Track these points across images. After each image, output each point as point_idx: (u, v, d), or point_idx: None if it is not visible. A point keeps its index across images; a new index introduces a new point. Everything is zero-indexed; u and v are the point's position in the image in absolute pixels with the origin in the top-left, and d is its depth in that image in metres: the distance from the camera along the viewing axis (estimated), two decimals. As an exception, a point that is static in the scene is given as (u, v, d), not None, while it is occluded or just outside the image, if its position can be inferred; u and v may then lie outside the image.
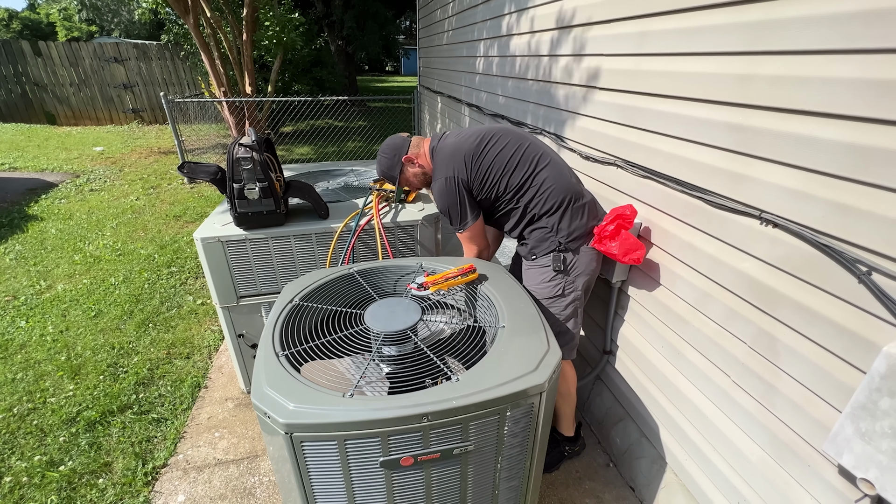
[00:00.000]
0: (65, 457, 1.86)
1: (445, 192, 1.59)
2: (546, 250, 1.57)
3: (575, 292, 1.57)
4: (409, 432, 1.01)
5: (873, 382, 0.76)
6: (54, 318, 2.83)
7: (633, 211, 1.51)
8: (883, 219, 0.84)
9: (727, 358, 1.25)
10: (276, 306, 1.39)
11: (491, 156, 1.58)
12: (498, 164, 1.57)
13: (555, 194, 1.53)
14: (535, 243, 1.59)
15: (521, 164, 1.57)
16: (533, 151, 1.58)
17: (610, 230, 1.51)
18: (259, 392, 1.05)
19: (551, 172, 1.55)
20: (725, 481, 1.30)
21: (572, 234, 1.54)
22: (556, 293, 1.57)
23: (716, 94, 1.20)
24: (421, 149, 1.71)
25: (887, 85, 0.81)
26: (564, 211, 1.54)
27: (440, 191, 1.60)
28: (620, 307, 1.79)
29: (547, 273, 1.57)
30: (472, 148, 1.58)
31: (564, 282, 1.56)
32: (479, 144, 1.59)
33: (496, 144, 1.59)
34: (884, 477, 0.76)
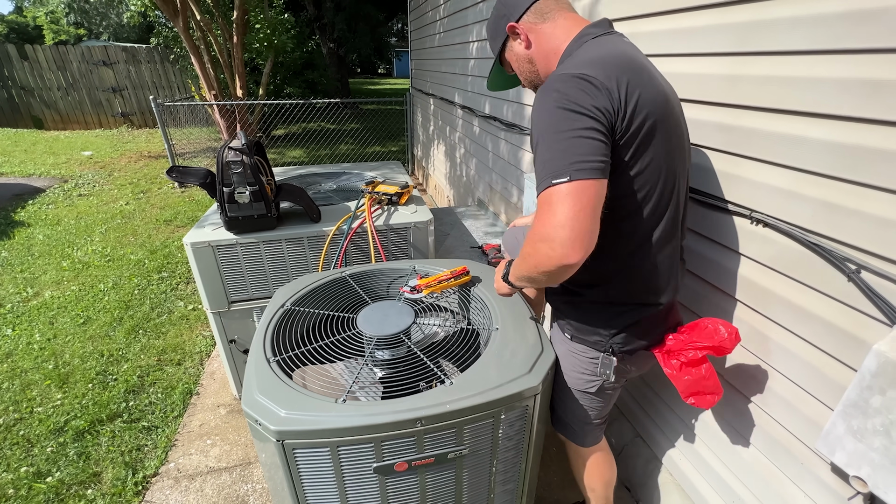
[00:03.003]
0: (52, 468, 1.82)
1: (567, 93, 0.81)
2: (593, 346, 1.10)
3: (615, 390, 1.18)
4: (402, 437, 1.00)
5: (864, 380, 0.76)
6: (41, 325, 2.78)
7: (733, 338, 0.99)
8: (871, 217, 0.85)
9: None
10: (268, 311, 1.37)
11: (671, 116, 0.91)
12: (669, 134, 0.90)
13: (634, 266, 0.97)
14: (578, 324, 1.11)
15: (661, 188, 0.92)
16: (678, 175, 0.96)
17: (690, 356, 1.02)
18: (250, 399, 1.03)
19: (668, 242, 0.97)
20: (720, 480, 1.30)
21: (635, 347, 1.06)
22: (589, 390, 1.16)
23: (706, 94, 1.20)
24: (551, 22, 0.98)
25: (873, 85, 0.82)
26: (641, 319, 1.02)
27: (557, 89, 0.82)
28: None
29: (584, 364, 1.14)
30: (649, 86, 0.87)
31: (603, 382, 1.13)
32: (661, 94, 0.89)
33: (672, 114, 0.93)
34: (876, 474, 0.76)
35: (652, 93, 0.86)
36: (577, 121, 0.79)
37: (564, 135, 0.79)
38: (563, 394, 1.24)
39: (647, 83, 0.86)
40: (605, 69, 0.82)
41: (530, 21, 0.99)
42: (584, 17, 1.03)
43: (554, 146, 0.80)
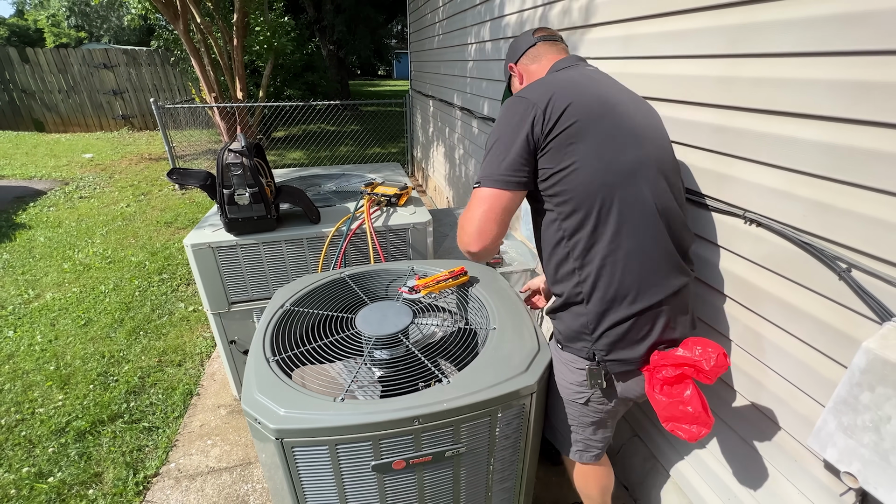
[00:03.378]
0: (54, 468, 1.83)
1: (507, 112, 1.01)
2: (577, 352, 1.11)
3: (605, 406, 1.15)
4: (400, 435, 1.01)
5: (854, 377, 0.77)
6: (43, 327, 2.80)
7: (719, 365, 0.92)
8: (861, 216, 0.86)
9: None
10: (267, 311, 1.38)
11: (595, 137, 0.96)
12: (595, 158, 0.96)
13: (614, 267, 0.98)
14: (567, 332, 1.12)
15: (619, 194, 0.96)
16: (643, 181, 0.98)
17: (669, 375, 0.96)
18: (249, 398, 1.04)
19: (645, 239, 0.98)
20: (716, 478, 1.31)
21: (621, 358, 1.03)
22: (578, 400, 1.16)
23: (699, 95, 1.22)
24: (537, 63, 1.19)
25: (862, 86, 0.83)
26: (624, 319, 0.99)
27: (504, 107, 1.04)
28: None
29: (574, 374, 1.15)
30: (585, 95, 0.98)
31: (591, 394, 1.14)
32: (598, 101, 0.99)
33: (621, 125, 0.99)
34: (866, 470, 0.77)
35: (585, 100, 0.97)
36: (509, 136, 0.98)
37: (498, 145, 1.00)
38: (555, 403, 1.25)
39: (581, 93, 0.98)
40: (539, 88, 1.00)
41: (524, 63, 1.23)
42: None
43: (492, 152, 1.01)
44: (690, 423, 0.93)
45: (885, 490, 0.75)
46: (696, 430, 0.93)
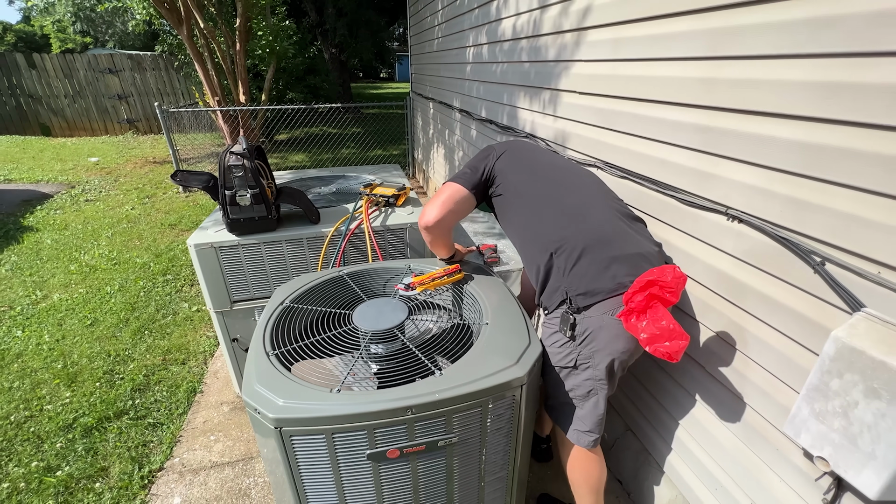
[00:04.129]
0: (62, 462, 1.88)
1: (481, 151, 1.53)
2: (555, 303, 1.27)
3: (592, 370, 1.21)
4: (394, 425, 1.05)
5: (824, 365, 0.81)
6: (50, 327, 2.86)
7: (677, 277, 1.04)
8: (833, 212, 0.89)
9: (702, 350, 1.30)
10: (268, 308, 1.43)
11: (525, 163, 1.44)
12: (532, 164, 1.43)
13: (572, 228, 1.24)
14: (548, 294, 1.30)
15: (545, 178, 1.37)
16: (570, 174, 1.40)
17: (638, 302, 1.05)
18: (249, 389, 1.09)
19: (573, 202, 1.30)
20: (703, 469, 1.34)
21: (588, 292, 1.18)
22: (568, 364, 1.24)
23: (684, 96, 1.26)
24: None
25: (832, 87, 0.87)
26: (581, 255, 1.20)
27: (481, 150, 1.55)
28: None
29: (557, 335, 1.26)
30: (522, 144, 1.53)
31: (578, 353, 1.22)
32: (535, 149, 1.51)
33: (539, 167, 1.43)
34: (837, 454, 0.81)
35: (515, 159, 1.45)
36: (474, 161, 1.49)
37: (466, 165, 1.49)
38: (554, 380, 1.31)
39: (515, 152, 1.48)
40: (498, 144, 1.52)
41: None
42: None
43: (462, 169, 1.48)
44: (669, 339, 1.00)
45: (853, 472, 0.78)
46: (675, 345, 0.99)
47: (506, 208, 1.44)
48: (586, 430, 1.29)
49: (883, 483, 0.74)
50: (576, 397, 1.28)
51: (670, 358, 1.00)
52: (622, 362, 1.19)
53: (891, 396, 0.71)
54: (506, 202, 1.43)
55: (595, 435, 1.29)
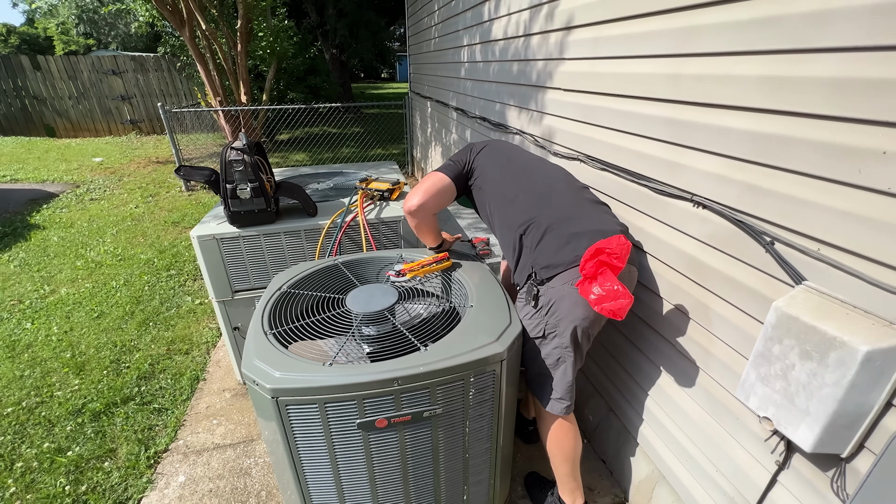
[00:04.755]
0: (72, 444, 1.98)
1: (462, 148, 1.68)
2: (524, 277, 1.40)
3: (558, 338, 1.31)
4: (381, 395, 1.14)
5: (767, 332, 0.89)
6: (59, 319, 2.96)
7: (621, 245, 1.15)
8: (781, 195, 0.98)
9: (673, 329, 1.39)
10: (266, 293, 1.52)
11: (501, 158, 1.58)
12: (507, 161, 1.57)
13: (537, 210, 1.38)
14: (518, 272, 1.44)
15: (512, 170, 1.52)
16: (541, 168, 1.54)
17: (589, 269, 1.16)
18: (249, 363, 1.18)
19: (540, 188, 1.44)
20: (674, 441, 1.43)
21: (549, 265, 1.30)
22: (538, 334, 1.35)
23: (654, 91, 1.34)
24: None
25: (776, 80, 0.95)
26: (545, 233, 1.33)
27: (462, 148, 1.71)
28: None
29: (526, 308, 1.39)
30: (501, 144, 1.66)
31: (545, 323, 1.33)
32: (511, 148, 1.65)
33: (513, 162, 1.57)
34: (779, 413, 0.89)
35: (501, 146, 1.63)
36: (457, 155, 1.63)
37: (449, 158, 1.62)
38: (530, 353, 1.41)
39: (493, 149, 1.62)
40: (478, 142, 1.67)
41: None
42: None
43: (446, 162, 1.61)
44: (613, 299, 1.11)
45: (792, 428, 0.87)
46: (618, 303, 1.11)
47: (483, 198, 1.57)
48: (558, 398, 1.39)
49: (815, 436, 0.82)
50: (548, 367, 1.38)
51: (615, 315, 1.11)
52: (584, 329, 1.28)
53: (820, 357, 0.80)
54: (483, 192, 1.56)
55: (566, 402, 1.39)
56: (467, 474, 1.41)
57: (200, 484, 1.81)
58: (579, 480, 1.52)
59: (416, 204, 1.52)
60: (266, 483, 1.81)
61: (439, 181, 1.54)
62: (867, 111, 0.80)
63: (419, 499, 1.38)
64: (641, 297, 1.53)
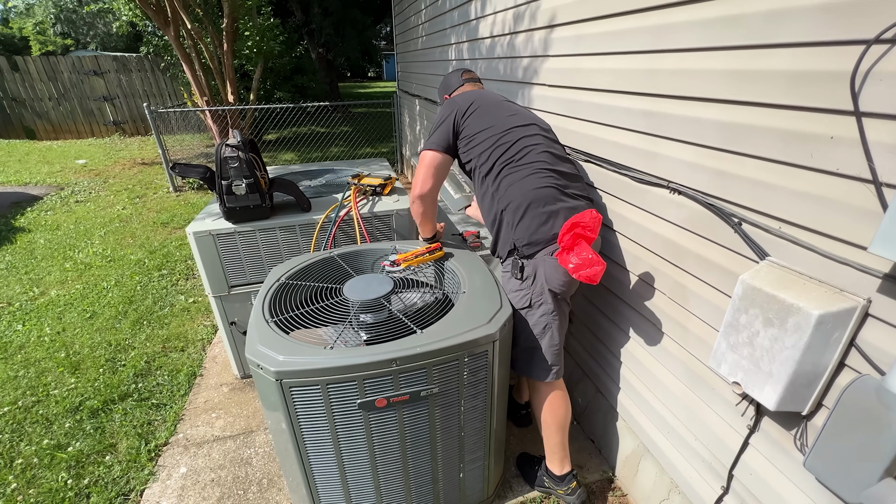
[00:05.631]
0: (71, 440, 2.00)
1: (443, 108, 1.64)
2: (506, 252, 1.53)
3: (544, 305, 1.44)
4: (381, 376, 1.20)
5: (735, 304, 0.98)
6: (50, 320, 2.95)
7: (593, 218, 1.30)
8: (746, 179, 1.06)
9: (654, 309, 1.47)
10: (266, 284, 1.57)
11: (488, 116, 1.56)
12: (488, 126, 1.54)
13: (518, 188, 1.44)
14: (500, 245, 1.55)
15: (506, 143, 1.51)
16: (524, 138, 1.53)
17: (567, 241, 1.31)
18: (253, 349, 1.23)
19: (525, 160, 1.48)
20: (656, 414, 1.52)
21: (531, 243, 1.42)
22: (525, 304, 1.47)
23: (633, 85, 1.42)
24: (459, 90, 1.79)
25: (740, 74, 1.04)
26: (525, 212, 1.42)
27: (442, 106, 1.67)
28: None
29: (512, 280, 1.50)
30: (483, 99, 1.60)
31: (531, 292, 1.45)
32: (491, 104, 1.59)
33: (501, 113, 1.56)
34: (746, 377, 0.98)
35: (482, 104, 1.58)
36: (441, 122, 1.59)
37: (435, 126, 1.61)
38: (518, 328, 1.49)
39: (480, 99, 1.60)
40: (461, 97, 1.63)
41: (454, 95, 1.76)
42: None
43: (432, 131, 1.61)
44: (589, 266, 1.26)
45: (758, 390, 0.95)
46: (593, 270, 1.25)
47: (469, 161, 1.60)
48: (549, 365, 1.49)
49: (778, 395, 0.91)
50: (535, 337, 1.48)
51: (591, 280, 1.25)
52: (563, 293, 1.43)
53: (780, 323, 0.88)
54: (467, 155, 1.59)
55: (556, 367, 1.50)
56: (463, 453, 1.48)
57: (202, 474, 1.85)
58: (567, 450, 1.61)
59: (428, 187, 1.58)
60: (267, 471, 1.86)
61: (434, 159, 1.57)
62: (817, 100, 0.89)
63: (418, 477, 1.45)
64: (624, 280, 1.61)
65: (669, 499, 1.49)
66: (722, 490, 1.26)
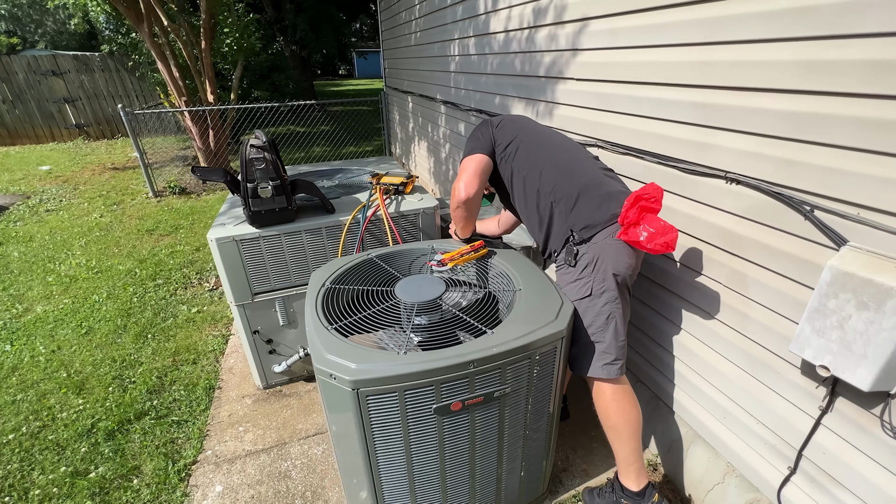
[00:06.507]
0: (90, 466, 1.87)
1: (478, 126, 1.69)
2: (561, 242, 1.49)
3: (608, 292, 1.36)
4: (458, 379, 1.17)
5: (822, 290, 1.00)
6: (42, 338, 2.75)
7: (656, 189, 1.30)
8: (817, 167, 1.09)
9: (708, 298, 1.50)
10: (311, 290, 1.50)
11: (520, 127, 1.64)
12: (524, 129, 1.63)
13: (567, 179, 1.48)
14: (554, 238, 1.52)
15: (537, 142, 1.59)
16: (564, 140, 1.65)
17: (632, 215, 1.31)
18: (321, 358, 1.17)
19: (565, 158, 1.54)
20: (710, 401, 1.55)
21: (588, 225, 1.40)
22: (585, 293, 1.40)
23: (681, 78, 1.43)
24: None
25: (811, 64, 1.06)
26: (577, 198, 1.44)
27: (476, 127, 1.72)
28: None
29: (568, 270, 1.46)
30: (514, 121, 1.69)
31: (592, 280, 1.38)
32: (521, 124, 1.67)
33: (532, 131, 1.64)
34: (835, 360, 1.00)
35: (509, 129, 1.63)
36: (477, 135, 1.64)
37: (470, 141, 1.64)
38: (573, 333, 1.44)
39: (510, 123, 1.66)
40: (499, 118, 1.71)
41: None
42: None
43: (468, 146, 1.62)
44: (663, 234, 1.27)
45: (849, 372, 0.98)
46: (668, 237, 1.27)
47: (509, 168, 1.61)
48: (612, 360, 1.39)
49: (874, 376, 0.94)
50: (597, 330, 1.39)
51: (668, 248, 1.26)
52: (628, 276, 1.39)
53: (877, 306, 0.91)
54: (508, 163, 1.61)
55: (620, 361, 1.39)
56: (526, 451, 1.47)
57: (240, 492, 1.77)
58: (643, 459, 1.45)
59: (472, 192, 1.55)
60: (309, 483, 1.80)
61: (479, 161, 1.56)
62: (903, 88, 0.91)
63: (483, 477, 1.43)
64: (672, 271, 1.63)
65: (725, 482, 1.52)
66: (788, 470, 1.29)
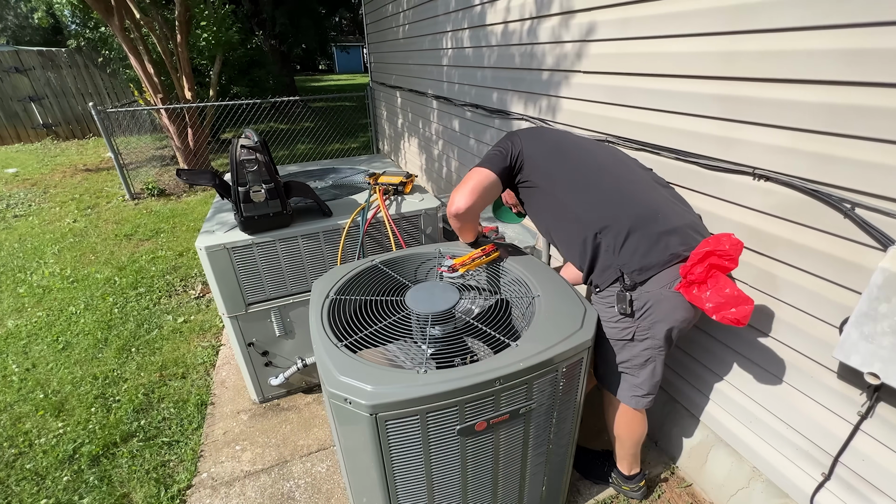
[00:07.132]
0: (73, 496, 1.73)
1: (504, 138, 1.50)
2: (608, 280, 1.30)
3: (651, 340, 1.26)
4: (483, 398, 1.08)
5: (872, 293, 0.94)
6: (15, 356, 2.56)
7: (733, 243, 1.08)
8: (860, 162, 1.03)
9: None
10: (314, 302, 1.39)
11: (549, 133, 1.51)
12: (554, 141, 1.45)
13: (615, 207, 1.28)
14: (598, 273, 1.33)
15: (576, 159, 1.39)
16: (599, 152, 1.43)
17: (698, 273, 1.10)
18: (333, 381, 1.07)
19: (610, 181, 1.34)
20: (737, 406, 1.50)
21: (643, 268, 1.22)
22: (625, 337, 1.30)
23: (701, 69, 1.36)
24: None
25: (854, 53, 1.00)
26: (630, 233, 1.24)
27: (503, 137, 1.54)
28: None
29: (612, 311, 1.30)
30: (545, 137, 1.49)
31: (636, 327, 1.27)
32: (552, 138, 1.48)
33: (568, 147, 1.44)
34: (886, 368, 0.95)
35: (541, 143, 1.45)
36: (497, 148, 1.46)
37: (495, 147, 1.47)
38: (606, 352, 1.38)
39: (540, 137, 1.48)
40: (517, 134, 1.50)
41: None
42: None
43: (488, 155, 1.45)
44: (735, 306, 1.05)
45: (903, 380, 0.93)
46: (741, 310, 1.05)
47: (538, 194, 1.43)
48: (643, 394, 1.37)
49: (930, 385, 0.89)
50: (631, 367, 1.35)
51: (738, 323, 1.06)
52: (681, 330, 1.26)
53: (936, 311, 0.85)
54: (537, 188, 1.42)
55: (652, 396, 1.39)
56: (548, 466, 1.40)
57: (241, 517, 1.65)
58: (639, 455, 1.60)
59: (463, 206, 1.39)
60: (315, 505, 1.69)
61: (484, 178, 1.39)
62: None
63: (505, 496, 1.35)
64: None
65: (749, 486, 1.48)
66: (823, 476, 1.25)
